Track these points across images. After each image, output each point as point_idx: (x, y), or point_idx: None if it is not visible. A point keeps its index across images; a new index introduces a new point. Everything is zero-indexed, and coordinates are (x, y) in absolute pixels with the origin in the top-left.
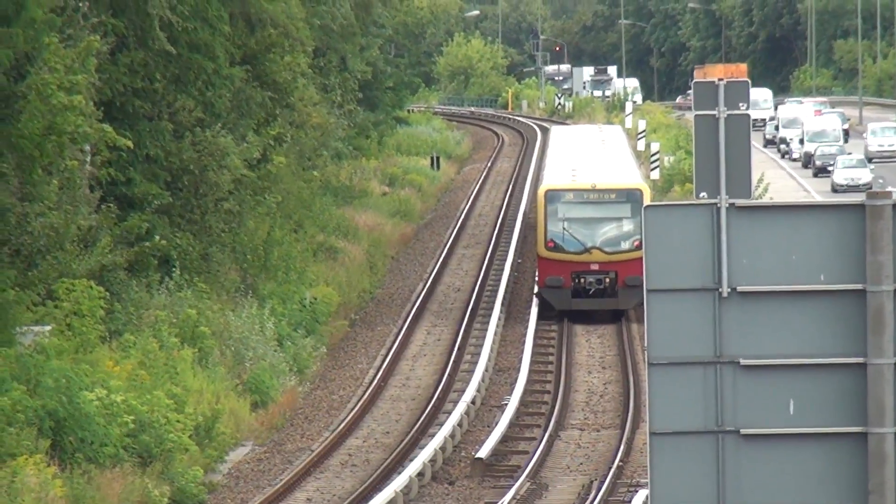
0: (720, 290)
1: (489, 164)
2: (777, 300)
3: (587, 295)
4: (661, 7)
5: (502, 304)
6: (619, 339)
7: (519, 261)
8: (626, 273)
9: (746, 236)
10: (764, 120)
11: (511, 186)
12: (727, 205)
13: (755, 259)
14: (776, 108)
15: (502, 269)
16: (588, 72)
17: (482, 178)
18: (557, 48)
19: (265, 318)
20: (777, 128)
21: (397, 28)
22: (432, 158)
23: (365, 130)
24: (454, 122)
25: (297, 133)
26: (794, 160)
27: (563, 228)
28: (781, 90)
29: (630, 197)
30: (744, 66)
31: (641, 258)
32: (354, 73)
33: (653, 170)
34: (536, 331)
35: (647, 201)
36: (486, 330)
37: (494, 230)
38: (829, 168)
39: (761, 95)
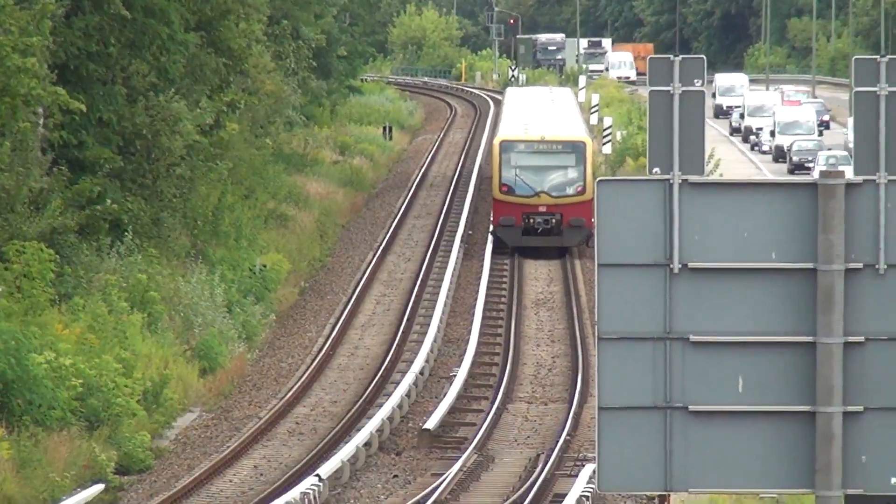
0: (671, 265)
1: (442, 135)
2: (728, 277)
3: (536, 233)
4: None
5: (451, 277)
6: (567, 312)
7: (469, 232)
8: (571, 215)
9: (698, 213)
10: (739, 107)
11: (463, 157)
12: (680, 181)
13: (707, 235)
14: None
15: (452, 240)
16: (582, 44)
17: (434, 148)
18: (512, 21)
19: (215, 284)
20: (742, 115)
21: None
22: (385, 128)
23: (318, 99)
24: (407, 92)
25: (251, 100)
26: (764, 153)
27: (516, 175)
28: (735, 67)
29: (575, 148)
30: (650, 46)
31: (584, 202)
32: (308, 41)
33: (605, 144)
34: (486, 302)
35: (590, 153)
36: (436, 300)
37: (446, 200)
38: (808, 164)
39: (738, 81)
